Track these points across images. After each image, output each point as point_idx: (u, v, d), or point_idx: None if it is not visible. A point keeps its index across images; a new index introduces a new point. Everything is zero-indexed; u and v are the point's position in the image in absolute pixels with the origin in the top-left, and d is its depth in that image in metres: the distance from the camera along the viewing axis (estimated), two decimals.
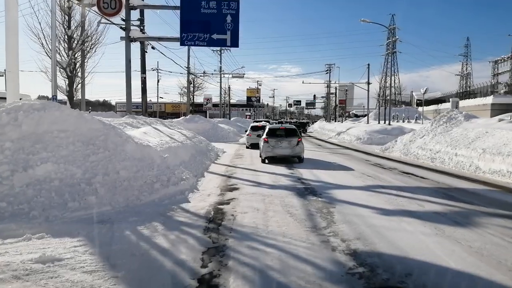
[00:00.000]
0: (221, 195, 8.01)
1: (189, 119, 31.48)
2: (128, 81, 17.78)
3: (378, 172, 11.89)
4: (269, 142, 14.56)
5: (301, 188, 8.72)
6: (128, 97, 17.88)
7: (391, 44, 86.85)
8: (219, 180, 9.99)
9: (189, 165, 11.24)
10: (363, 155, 18.54)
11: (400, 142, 20.02)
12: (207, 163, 13.37)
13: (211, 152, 16.76)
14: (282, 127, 15.60)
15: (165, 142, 11.68)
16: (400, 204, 7.06)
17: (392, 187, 9.00)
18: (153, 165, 8.49)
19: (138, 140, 9.30)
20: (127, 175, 7.59)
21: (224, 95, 58.06)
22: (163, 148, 10.31)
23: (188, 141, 14.71)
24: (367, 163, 14.69)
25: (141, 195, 7.28)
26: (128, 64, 17.76)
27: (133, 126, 13.67)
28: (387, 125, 31.22)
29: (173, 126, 18.70)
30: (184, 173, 9.16)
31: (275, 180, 9.91)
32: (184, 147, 12.87)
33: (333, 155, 17.75)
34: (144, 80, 19.95)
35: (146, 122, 15.95)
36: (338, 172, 11.74)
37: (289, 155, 14.65)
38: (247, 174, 11.26)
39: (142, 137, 10.87)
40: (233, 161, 15.09)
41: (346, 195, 7.90)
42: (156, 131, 13.81)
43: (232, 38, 17.30)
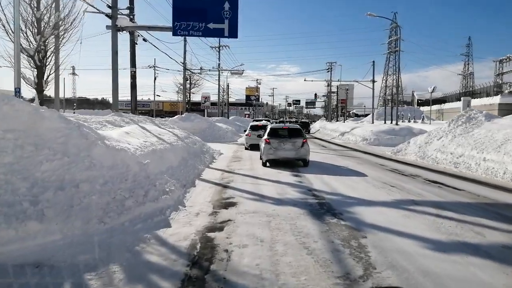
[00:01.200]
0: (213, 214, 6.22)
1: (185, 117, 29.72)
2: (114, 75, 15.98)
3: (400, 180, 10.13)
4: (271, 144, 12.80)
5: (315, 204, 6.94)
6: (115, 93, 16.08)
7: (394, 42, 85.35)
8: (212, 192, 8.20)
9: (178, 172, 9.46)
10: (374, 158, 16.78)
11: (414, 144, 18.28)
12: (200, 168, 11.58)
13: (206, 154, 14.98)
14: (285, 127, 13.83)
15: (150, 144, 9.90)
16: (451, 232, 5.29)
17: (426, 202, 7.23)
18: (128, 174, 6.70)
19: (112, 143, 7.52)
20: (90, 189, 5.80)
21: (222, 93, 56.26)
22: (144, 152, 8.53)
23: (179, 142, 12.93)
24: (383, 168, 12.93)
25: (106, 216, 5.50)
26: (114, 56, 15.96)
27: (115, 125, 11.90)
28: (395, 125, 29.49)
29: (164, 125, 16.92)
30: (168, 184, 7.37)
31: (281, 192, 8.13)
32: (173, 149, 11.08)
33: (342, 158, 15.99)
34: (133, 75, 18.15)
35: (133, 121, 14.17)
36: (353, 180, 9.97)
37: (293, 158, 12.90)
38: (247, 182, 9.49)
39: (122, 138, 9.08)
40: (231, 165, 13.31)
41: (374, 215, 6.13)
42: (142, 130, 12.02)
43: (230, 27, 15.50)
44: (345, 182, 9.50)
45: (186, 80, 32.09)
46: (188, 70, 32.48)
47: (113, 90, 15.94)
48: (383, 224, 5.58)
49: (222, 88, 54.68)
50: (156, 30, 16.30)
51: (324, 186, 8.85)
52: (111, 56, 15.92)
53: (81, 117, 11.27)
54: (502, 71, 73.68)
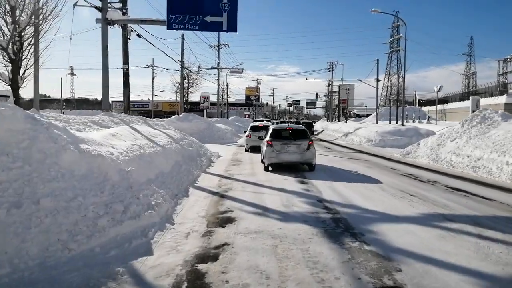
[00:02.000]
0: (206, 235, 5.11)
1: (183, 117, 28.60)
2: (104, 72, 14.88)
3: (418, 187, 9.03)
4: (274, 146, 11.70)
5: (328, 221, 5.83)
6: (105, 91, 14.97)
7: (396, 41, 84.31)
8: (207, 203, 7.09)
9: (169, 179, 8.35)
10: (383, 161, 15.68)
11: (425, 146, 17.18)
12: (196, 174, 10.48)
13: (203, 157, 13.88)
14: (289, 128, 12.72)
15: (138, 147, 8.80)
16: (504, 261, 4.19)
17: (459, 218, 6.12)
18: (105, 185, 5.60)
19: (89, 147, 6.41)
20: (54, 206, 4.69)
21: (222, 93, 55.17)
22: (130, 157, 7.42)
23: (173, 145, 11.82)
24: (395, 172, 11.83)
25: (72, 240, 4.40)
26: (104, 51, 14.86)
27: (101, 125, 10.80)
28: (400, 126, 28.38)
29: (159, 126, 15.82)
30: (155, 195, 6.27)
31: (287, 203, 7.02)
32: (165, 153, 9.98)
33: (349, 161, 14.89)
34: (126, 72, 17.07)
35: (124, 121, 13.08)
36: (367, 187, 8.86)
37: (298, 161, 11.80)
38: (247, 190, 8.38)
39: (105, 141, 7.98)
40: (229, 169, 12.21)
41: (402, 236, 5.03)
42: (131, 132, 10.92)
43: (229, 21, 14.42)
44: (359, 190, 8.40)
45: (184, 79, 30.96)
46: (186, 68, 31.37)
47: (103, 88, 14.84)
48: (417, 249, 4.48)
49: (222, 87, 53.61)
50: (149, 24, 15.20)
51: (335, 196, 7.75)
52: (101, 52, 14.82)
53: (63, 117, 10.18)
54: (506, 70, 72.62)
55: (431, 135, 25.87)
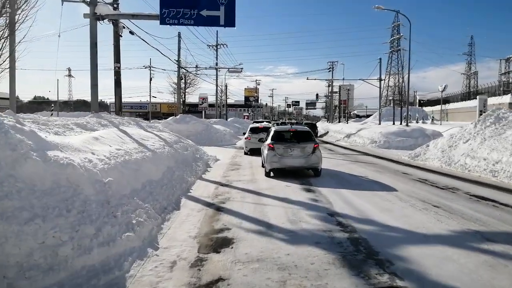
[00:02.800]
0: (196, 265, 4.11)
1: (180, 119, 27.62)
2: (93, 71, 13.89)
3: (438, 196, 8.05)
4: (276, 150, 10.72)
5: (346, 242, 4.84)
6: (94, 91, 13.98)
7: (396, 41, 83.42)
8: (200, 218, 6.10)
9: (158, 188, 7.35)
10: (391, 164, 14.70)
11: (434, 148, 16.20)
12: (190, 181, 9.48)
13: (199, 161, 12.89)
14: (293, 129, 11.71)
15: (124, 152, 7.80)
16: None
17: (500, 236, 5.13)
18: (74, 201, 4.60)
19: (60, 155, 5.41)
20: (2, 232, 3.70)
21: (220, 94, 54.19)
22: (111, 165, 6.42)
23: (166, 149, 10.83)
24: (408, 177, 10.84)
25: (22, 278, 3.40)
26: (93, 49, 13.87)
27: (86, 128, 9.79)
28: (405, 126, 27.39)
29: (152, 128, 14.83)
30: (138, 211, 5.28)
31: (293, 218, 6.03)
32: (156, 158, 8.99)
33: (355, 165, 13.90)
34: (118, 71, 16.06)
35: (113, 123, 12.07)
36: (382, 196, 7.87)
37: (302, 166, 10.81)
38: (247, 201, 7.38)
39: (85, 147, 6.99)
40: (227, 174, 11.22)
41: (442, 264, 4.04)
42: (119, 135, 9.93)
43: (226, 15, 13.43)
44: (373, 201, 7.40)
45: (180, 79, 29.97)
46: (183, 68, 30.37)
47: (91, 88, 13.85)
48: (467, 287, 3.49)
49: (220, 88, 52.64)
50: (141, 19, 14.23)
51: (348, 208, 6.75)
52: (90, 49, 13.84)
53: (43, 119, 9.18)
54: (508, 69, 71.80)
55: (437, 136, 24.97)
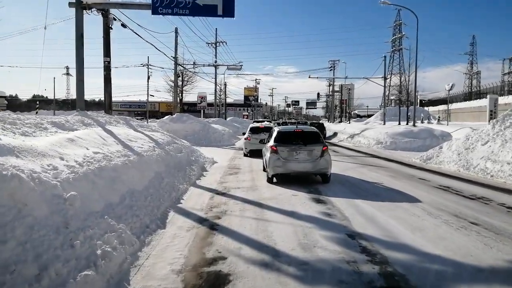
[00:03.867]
0: None
1: (176, 118, 26.42)
2: (79, 64, 12.70)
3: (470, 208, 6.85)
4: (280, 153, 9.53)
5: (378, 280, 3.64)
6: (79, 87, 12.79)
7: (398, 40, 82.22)
8: (189, 242, 4.88)
9: (141, 200, 6.15)
10: (404, 167, 13.52)
11: (449, 150, 15.01)
12: (182, 188, 8.27)
13: (194, 164, 11.68)
14: (298, 130, 10.49)
15: (102, 156, 6.60)
16: None
17: None
18: (15, 228, 3.40)
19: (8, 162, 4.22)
20: None
21: (219, 93, 52.97)
22: (80, 173, 5.21)
23: (157, 151, 9.63)
24: (427, 184, 9.65)
25: None
26: (79, 40, 12.68)
27: (64, 128, 8.58)
28: (412, 127, 26.20)
29: (144, 128, 13.62)
30: (106, 237, 4.08)
31: (305, 241, 4.83)
32: (142, 163, 7.79)
33: (366, 168, 12.71)
34: (107, 66, 14.85)
35: (98, 122, 10.87)
36: (406, 209, 6.67)
37: (309, 171, 9.62)
38: (247, 216, 6.17)
39: (52, 150, 5.79)
40: (225, 180, 10.02)
41: None
42: (102, 136, 8.73)
43: (225, 4, 12.28)
44: (398, 215, 6.21)
45: (177, 77, 28.73)
46: (180, 65, 29.16)
47: (77, 83, 12.66)
48: None
49: (219, 87, 51.44)
50: (131, 8, 13.05)
51: (370, 226, 5.56)
52: (75, 40, 12.64)
53: (13, 117, 7.97)
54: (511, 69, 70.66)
55: (446, 137, 23.80)
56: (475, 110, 50.86)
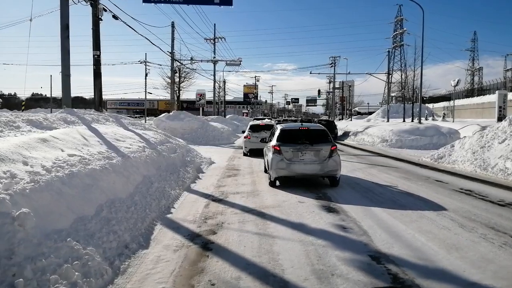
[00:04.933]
0: None
1: (173, 116, 25.48)
2: (65, 57, 11.74)
3: (505, 218, 5.92)
4: (284, 153, 8.59)
5: None
6: (66, 81, 11.83)
7: (399, 36, 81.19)
8: (175, 267, 3.93)
9: (123, 211, 5.20)
10: (415, 167, 12.59)
11: (462, 149, 14.08)
12: (173, 194, 7.32)
13: (189, 166, 10.74)
14: (304, 128, 9.54)
15: (78, 160, 5.66)
16: None
17: None
18: None
19: None
20: None
21: (218, 90, 51.96)
22: (41, 183, 4.26)
23: (147, 152, 8.68)
24: (447, 187, 8.71)
25: None
26: (64, 31, 11.72)
27: (40, 126, 7.64)
28: (418, 124, 25.23)
29: (136, 126, 12.67)
30: (64, 269, 3.14)
31: (321, 268, 3.88)
32: (127, 166, 6.84)
33: (375, 169, 11.77)
34: (97, 59, 13.89)
35: (84, 120, 9.94)
36: (433, 220, 5.73)
37: (316, 174, 8.68)
38: (247, 231, 5.22)
39: (15, 154, 4.85)
40: (223, 183, 9.09)
41: None
42: (84, 135, 7.79)
43: None
44: (425, 229, 5.26)
45: (174, 73, 27.72)
46: (177, 61, 28.13)
47: (62, 78, 11.71)
48: None
49: (218, 84, 50.44)
50: None
51: (396, 243, 4.62)
52: (60, 32, 11.68)
53: None
54: None
55: (454, 135, 22.85)
56: (478, 106, 49.88)
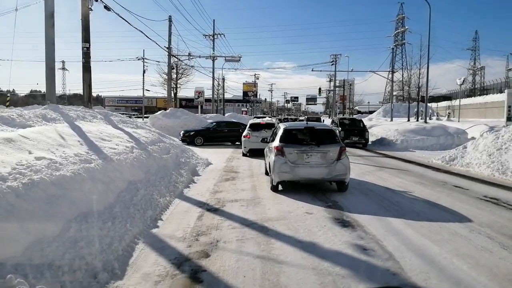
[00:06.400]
0: None
1: (170, 113, 24.57)
2: (49, 48, 10.80)
3: None
4: (287, 155, 7.70)
5: None
6: (50, 75, 10.89)
7: (401, 34, 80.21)
8: None
9: (96, 227, 4.29)
10: (427, 170, 11.70)
11: (475, 150, 13.18)
12: (163, 203, 6.40)
13: (183, 167, 9.81)
14: (309, 127, 8.62)
15: (47, 164, 4.74)
16: None
17: None
18: None
19: None
20: None
21: (217, 87, 50.99)
22: None
23: (135, 153, 7.74)
24: (469, 194, 7.81)
25: None
26: (48, 20, 10.77)
27: (12, 124, 6.71)
28: (424, 123, 24.31)
29: (127, 124, 11.72)
30: None
31: None
32: (108, 170, 5.91)
33: (386, 172, 10.85)
34: (87, 52, 12.95)
35: (67, 117, 9.00)
36: (466, 238, 4.83)
37: (323, 178, 7.80)
38: (247, 252, 4.29)
39: None
40: (220, 189, 8.17)
41: None
42: (63, 134, 6.86)
43: None
44: (463, 252, 4.35)
45: (172, 69, 26.77)
46: (174, 56, 27.16)
47: (46, 71, 10.76)
48: None
49: (217, 81, 49.46)
50: None
51: (432, 272, 3.71)
52: (44, 20, 10.73)
53: None
54: None
55: (462, 135, 21.96)
56: (481, 106, 49.07)
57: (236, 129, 19.71)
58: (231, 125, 20.83)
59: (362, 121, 22.63)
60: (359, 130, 20.32)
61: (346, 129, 20.26)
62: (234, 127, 20.31)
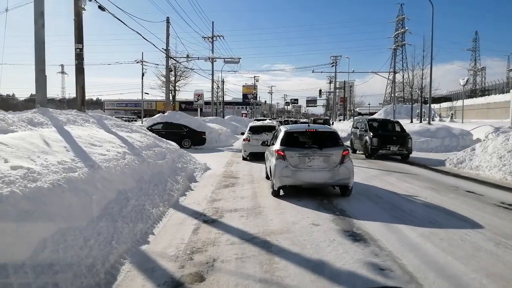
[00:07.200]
0: None
1: (168, 116, 24.03)
2: (39, 49, 10.31)
3: None
4: (289, 159, 7.24)
5: None
6: (40, 76, 10.39)
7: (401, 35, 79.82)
8: None
9: (77, 246, 3.77)
10: (435, 174, 11.22)
11: (484, 153, 12.67)
12: (156, 214, 5.88)
13: (180, 174, 9.30)
14: (311, 130, 8.14)
15: (23, 175, 4.22)
16: None
17: None
18: None
19: None
20: None
21: (217, 90, 50.52)
22: None
23: (127, 159, 7.23)
24: (484, 201, 7.29)
25: None
26: (39, 19, 10.28)
27: None
28: (427, 125, 23.82)
29: (122, 128, 11.21)
30: None
31: None
32: (94, 180, 5.39)
33: (393, 177, 10.32)
34: (80, 54, 12.46)
35: (55, 121, 8.49)
36: (492, 252, 4.33)
37: (326, 183, 7.35)
38: (247, 275, 3.75)
39: None
40: (218, 196, 7.65)
41: None
42: (48, 139, 6.35)
43: None
44: (494, 272, 3.82)
45: (170, 71, 26.27)
46: (172, 58, 26.69)
47: (36, 72, 10.26)
48: None
49: (217, 84, 49.01)
50: None
51: None
52: (34, 20, 10.24)
53: None
54: None
55: (467, 136, 21.47)
56: (483, 107, 48.58)
57: (179, 131, 19.87)
58: (176, 127, 20.67)
59: (400, 123, 17.12)
60: (398, 136, 14.99)
61: (379, 134, 14.93)
62: (178, 129, 20.30)
